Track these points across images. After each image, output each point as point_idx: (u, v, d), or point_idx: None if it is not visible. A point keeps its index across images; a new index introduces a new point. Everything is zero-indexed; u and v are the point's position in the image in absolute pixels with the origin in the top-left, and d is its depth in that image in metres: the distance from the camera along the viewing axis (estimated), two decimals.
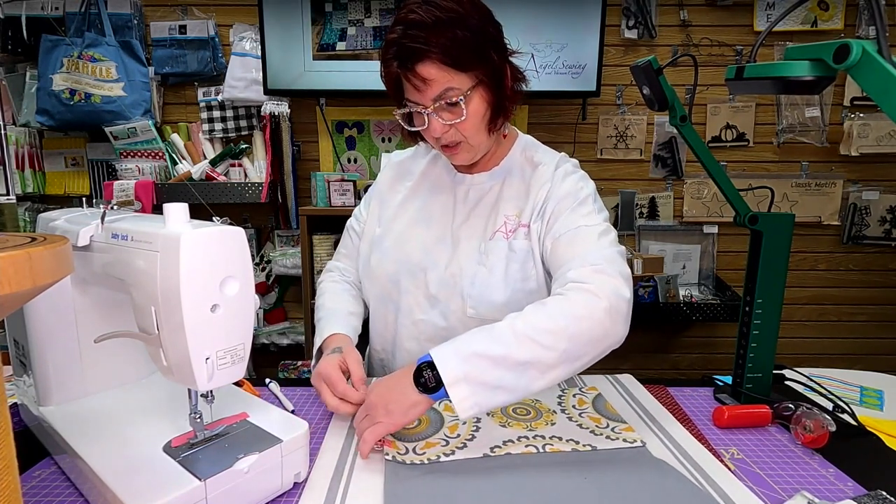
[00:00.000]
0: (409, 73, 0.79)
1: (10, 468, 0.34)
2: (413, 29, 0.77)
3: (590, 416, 0.80)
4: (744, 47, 2.13)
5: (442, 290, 0.91)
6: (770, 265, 0.83)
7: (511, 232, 0.90)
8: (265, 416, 0.65)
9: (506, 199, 0.93)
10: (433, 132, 0.83)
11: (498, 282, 0.88)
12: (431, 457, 0.68)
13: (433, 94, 0.80)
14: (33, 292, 0.35)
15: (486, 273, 0.88)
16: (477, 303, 0.88)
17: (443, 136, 0.83)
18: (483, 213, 0.94)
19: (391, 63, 0.80)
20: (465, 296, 0.89)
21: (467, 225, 0.94)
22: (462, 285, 0.90)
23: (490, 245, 0.90)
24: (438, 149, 0.89)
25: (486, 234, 0.92)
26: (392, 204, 1.01)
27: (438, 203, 0.97)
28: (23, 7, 1.99)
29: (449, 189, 0.98)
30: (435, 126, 0.82)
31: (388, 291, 0.97)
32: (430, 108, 0.81)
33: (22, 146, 2.07)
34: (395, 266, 0.96)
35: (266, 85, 2.00)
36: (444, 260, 0.92)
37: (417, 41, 0.77)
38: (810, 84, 0.72)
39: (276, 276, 2.23)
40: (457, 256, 0.92)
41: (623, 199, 2.24)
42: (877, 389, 1.05)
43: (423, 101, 0.81)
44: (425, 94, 0.80)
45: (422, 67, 0.78)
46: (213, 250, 0.52)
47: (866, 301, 2.30)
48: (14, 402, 0.78)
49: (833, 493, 0.63)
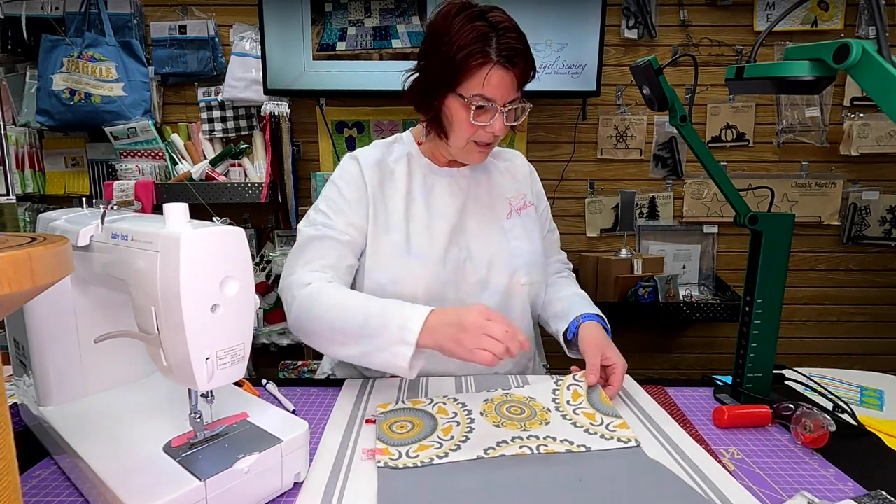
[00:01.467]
0: (513, 70, 0.86)
1: (10, 468, 0.34)
2: (513, 33, 0.86)
3: (584, 412, 0.80)
4: (744, 47, 2.13)
5: (490, 272, 0.99)
6: (770, 265, 0.83)
7: (519, 209, 1.06)
8: (265, 416, 0.65)
9: (497, 186, 1.06)
10: (496, 130, 0.90)
11: (536, 248, 1.05)
12: (425, 459, 0.67)
13: (512, 97, 0.89)
14: (33, 292, 0.35)
15: (524, 244, 1.03)
16: (529, 270, 1.02)
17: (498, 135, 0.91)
18: (483, 200, 1.04)
19: (487, 55, 0.84)
20: (517, 268, 1.00)
21: (475, 212, 1.02)
22: (509, 261, 1.00)
23: (511, 223, 1.04)
24: (467, 146, 0.93)
25: (499, 214, 1.04)
26: (392, 206, 0.98)
27: (440, 198, 1.01)
28: (23, 7, 1.99)
29: (441, 183, 1.02)
30: (501, 124, 0.89)
31: (439, 293, 0.96)
32: (505, 109, 0.89)
33: (22, 146, 2.07)
34: (437, 266, 0.96)
35: (266, 85, 2.00)
36: (477, 245, 1.00)
37: (522, 45, 0.87)
38: (810, 84, 0.72)
39: (276, 276, 2.23)
40: (486, 239, 1.01)
41: (623, 199, 2.24)
42: (877, 389, 1.05)
43: (500, 100, 0.88)
44: (509, 93, 0.88)
45: (519, 71, 0.87)
46: (213, 250, 0.52)
47: (866, 301, 2.30)
48: (14, 402, 0.78)
49: (833, 493, 0.63)
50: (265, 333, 2.23)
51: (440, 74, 0.89)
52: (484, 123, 0.89)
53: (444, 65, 0.87)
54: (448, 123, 0.93)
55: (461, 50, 0.85)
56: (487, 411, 0.80)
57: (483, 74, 0.85)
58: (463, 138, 0.92)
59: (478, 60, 0.85)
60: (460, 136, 0.92)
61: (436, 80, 0.90)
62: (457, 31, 0.85)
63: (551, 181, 2.20)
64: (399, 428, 0.75)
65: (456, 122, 0.91)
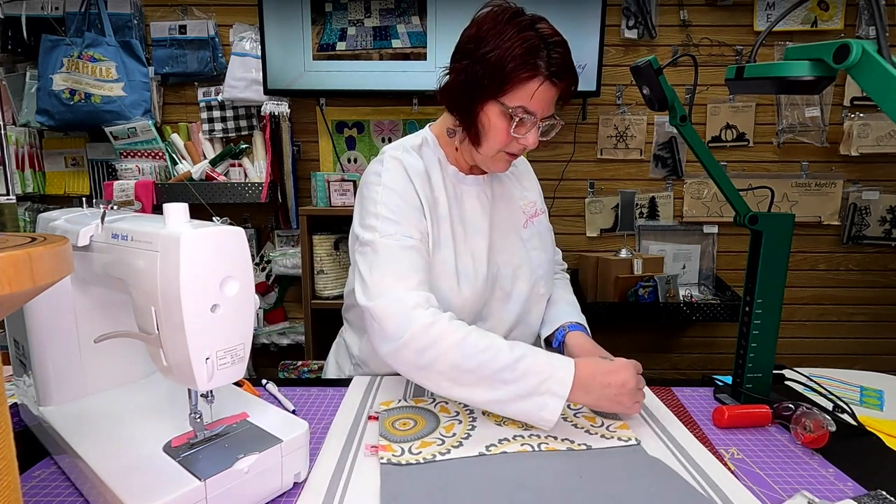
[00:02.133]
0: (559, 85, 0.85)
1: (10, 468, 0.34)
2: (562, 48, 0.84)
3: (585, 415, 0.81)
4: (744, 47, 2.13)
5: (514, 284, 1.00)
6: (770, 265, 0.83)
7: (532, 217, 1.06)
8: (265, 416, 0.65)
9: (510, 193, 1.05)
10: (529, 143, 0.88)
11: (551, 258, 1.06)
12: (427, 456, 0.68)
13: (550, 112, 0.88)
14: (33, 292, 0.35)
15: (541, 253, 1.03)
16: (547, 280, 1.03)
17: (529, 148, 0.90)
18: (502, 209, 1.03)
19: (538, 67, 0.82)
20: (538, 279, 1.01)
21: (496, 222, 1.01)
22: (529, 272, 1.00)
23: (528, 232, 1.04)
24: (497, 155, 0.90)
25: (516, 224, 1.03)
26: (439, 218, 0.93)
27: (471, 211, 0.98)
28: (23, 7, 1.99)
29: (467, 192, 0.98)
30: (534, 137, 0.88)
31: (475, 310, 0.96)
32: (542, 123, 0.88)
33: (22, 146, 2.07)
34: (484, 286, 0.95)
35: (266, 85, 2.00)
36: (500, 258, 1.00)
37: (569, 61, 0.86)
38: (810, 84, 0.72)
39: (276, 276, 2.23)
40: (507, 250, 1.00)
41: (623, 199, 2.23)
42: (877, 389, 1.05)
43: (539, 113, 0.86)
44: (549, 108, 0.87)
45: (564, 87, 0.87)
46: (213, 250, 0.52)
47: (866, 301, 2.30)
48: (14, 402, 0.78)
49: (833, 493, 0.63)
50: (265, 333, 2.23)
51: (485, 80, 0.84)
52: (520, 136, 0.87)
53: (491, 71, 0.83)
54: (484, 131, 0.88)
55: (512, 60, 0.81)
56: (489, 411, 0.80)
57: (531, 88, 0.83)
58: (495, 147, 0.89)
59: (527, 73, 0.82)
60: (493, 145, 0.89)
61: (479, 85, 0.85)
62: (508, 39, 0.81)
63: (551, 181, 2.20)
64: (402, 425, 0.75)
65: (493, 130, 0.87)
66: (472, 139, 0.91)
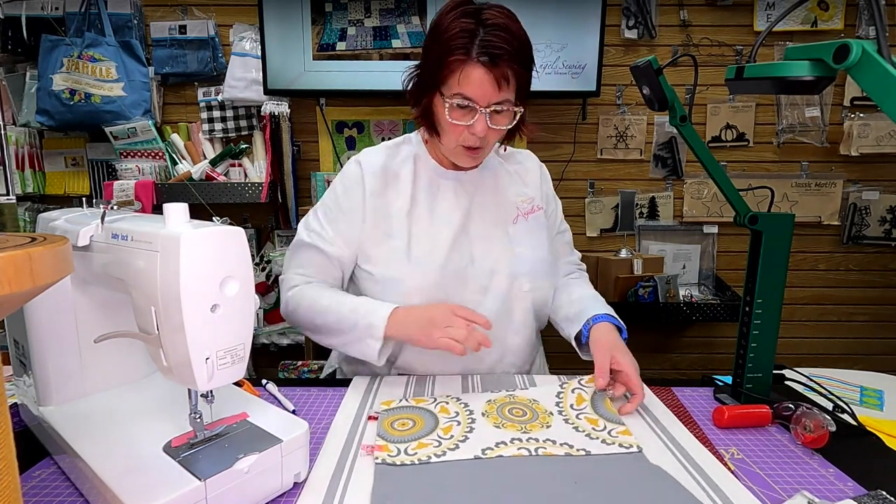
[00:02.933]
0: (493, 69, 0.82)
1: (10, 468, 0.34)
2: (503, 32, 0.82)
3: (587, 417, 0.79)
4: (744, 47, 2.13)
5: (492, 278, 0.98)
6: (770, 265, 0.83)
7: (527, 214, 1.04)
8: (265, 416, 0.65)
9: (504, 189, 1.04)
10: (478, 131, 0.86)
11: (541, 254, 1.02)
12: (422, 457, 0.67)
13: (497, 98, 0.85)
14: (33, 292, 0.35)
15: (528, 250, 1.00)
16: (532, 277, 1.00)
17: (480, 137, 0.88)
18: (489, 204, 1.01)
19: (468, 53, 0.82)
20: (519, 275, 0.99)
21: (482, 215, 1.00)
22: (511, 267, 0.98)
23: (517, 228, 1.02)
24: (455, 148, 0.92)
25: (505, 219, 1.02)
26: (394, 211, 0.97)
27: (443, 201, 0.99)
28: (23, 7, 1.99)
29: (446, 186, 1.00)
30: (482, 126, 0.86)
31: (433, 297, 0.95)
32: (487, 109, 0.85)
33: (22, 146, 2.07)
34: (438, 272, 0.95)
35: (266, 85, 2.00)
36: (480, 251, 0.98)
37: (510, 45, 0.82)
38: (810, 84, 0.72)
39: (276, 276, 2.23)
40: (490, 244, 0.99)
41: (623, 199, 2.24)
42: (877, 389, 1.05)
43: (482, 100, 0.85)
44: (492, 94, 0.84)
45: (506, 70, 0.83)
46: (213, 250, 0.52)
47: (866, 301, 2.30)
48: (14, 402, 0.78)
49: (833, 493, 0.63)
50: (265, 333, 2.23)
51: (427, 73, 0.88)
52: (463, 123, 0.86)
53: (431, 63, 0.86)
54: (437, 124, 0.91)
55: (444, 46, 0.83)
56: (489, 412, 0.80)
57: (464, 73, 0.83)
58: (451, 140, 0.90)
59: (456, 56, 0.82)
60: (448, 137, 0.91)
61: (425, 79, 0.89)
62: (445, 28, 0.84)
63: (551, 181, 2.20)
64: (400, 425, 0.75)
65: (441, 122, 0.89)
66: (431, 133, 0.95)
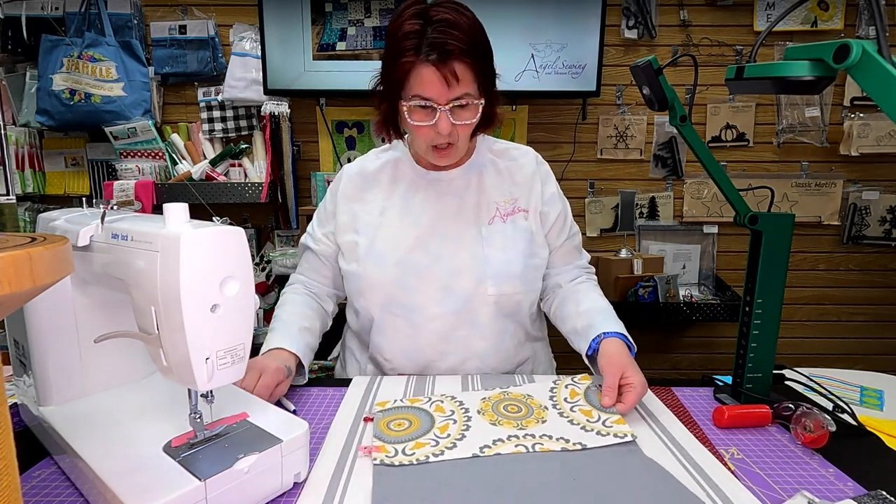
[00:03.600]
0: (442, 67, 0.81)
1: (10, 468, 0.34)
2: (449, 28, 0.81)
3: (581, 408, 0.80)
4: (744, 47, 2.13)
5: (455, 278, 0.96)
6: (770, 265, 0.83)
7: (507, 215, 1.00)
8: (265, 416, 0.65)
9: (489, 189, 1.01)
10: (441, 129, 0.86)
11: (512, 258, 0.97)
12: (420, 457, 0.67)
13: (455, 94, 0.84)
14: (33, 292, 0.35)
15: (498, 253, 0.97)
16: (498, 281, 0.96)
17: (446, 135, 0.87)
18: (469, 204, 1.00)
19: (418, 53, 0.81)
20: (484, 277, 0.96)
21: (456, 216, 0.99)
22: (476, 269, 0.96)
23: (491, 229, 0.99)
24: (426, 149, 0.92)
25: (481, 220, 0.99)
26: (368, 213, 1.00)
27: (418, 201, 1.00)
28: (23, 7, 1.99)
29: (425, 187, 1.01)
30: (445, 124, 0.85)
31: (394, 295, 0.97)
32: (447, 107, 0.84)
33: (22, 146, 2.07)
34: (398, 269, 0.96)
35: (266, 85, 2.00)
36: (448, 251, 0.97)
37: (457, 40, 0.81)
38: (810, 84, 0.72)
39: (276, 276, 2.23)
40: (459, 245, 0.97)
41: (623, 199, 2.24)
42: (877, 389, 1.05)
43: (440, 99, 0.84)
44: (447, 91, 0.83)
45: (457, 66, 0.82)
46: (213, 250, 0.52)
47: (866, 301, 2.30)
48: (14, 402, 0.78)
49: (833, 493, 0.63)
50: (265, 333, 2.23)
51: (385, 78, 0.88)
52: (425, 124, 0.86)
53: (387, 67, 0.86)
54: (407, 129, 0.92)
55: (395, 50, 0.83)
56: (484, 409, 0.80)
57: (415, 73, 0.83)
58: (421, 142, 0.91)
59: (406, 59, 0.82)
60: (419, 140, 0.91)
61: (384, 85, 0.89)
62: (395, 31, 0.84)
63: None
64: (396, 426, 0.75)
65: (406, 125, 0.90)
66: (399, 137, 0.98)
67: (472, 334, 0.98)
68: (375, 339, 1.02)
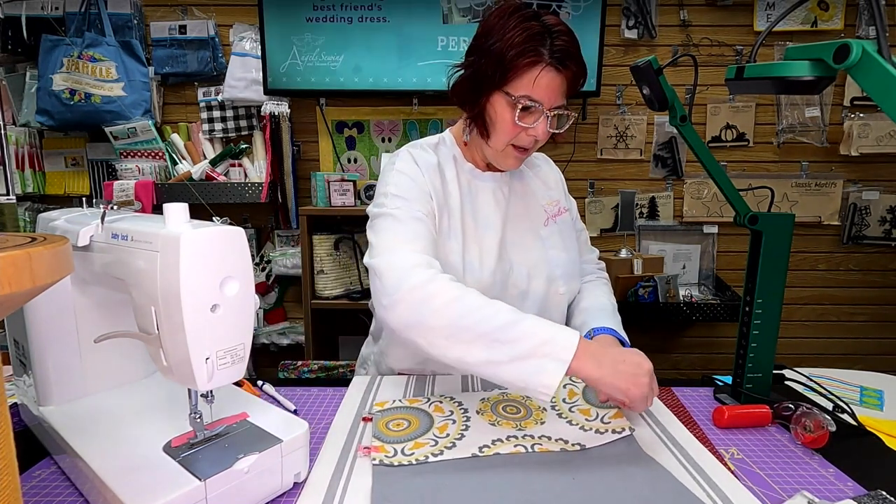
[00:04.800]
0: (563, 72, 0.84)
1: (10, 468, 0.34)
2: (567, 37, 0.85)
3: (579, 408, 0.80)
4: (744, 47, 2.13)
5: (529, 283, 0.98)
6: (770, 265, 0.83)
7: (554, 216, 1.04)
8: (265, 416, 0.65)
9: (532, 192, 1.04)
10: (539, 134, 0.88)
11: (573, 256, 1.03)
12: (420, 457, 0.67)
13: (560, 102, 0.87)
14: (33, 292, 0.35)
15: (561, 253, 1.01)
16: (567, 280, 1.00)
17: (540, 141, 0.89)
18: (520, 207, 1.02)
19: (541, 54, 0.83)
20: (554, 278, 0.99)
21: (515, 221, 1.00)
22: (546, 270, 0.98)
23: (548, 231, 1.02)
24: (506, 149, 0.91)
25: (536, 222, 1.02)
26: (451, 210, 0.95)
27: (485, 206, 0.98)
28: (23, 7, 1.99)
29: (482, 189, 0.99)
30: (544, 129, 0.88)
31: None
32: (552, 113, 0.87)
33: (22, 146, 2.07)
34: (490, 279, 0.94)
35: (266, 85, 2.00)
36: (518, 255, 0.98)
37: (576, 51, 0.85)
38: (810, 84, 0.72)
39: (276, 276, 2.23)
40: (525, 248, 0.99)
41: (623, 199, 2.23)
42: (877, 389, 1.05)
43: (549, 104, 0.86)
44: (558, 99, 0.87)
45: (570, 75, 0.86)
46: (213, 250, 0.52)
47: (866, 301, 2.30)
48: (14, 402, 0.78)
49: (833, 493, 0.63)
50: (265, 333, 2.23)
51: (490, 71, 0.86)
52: (527, 126, 0.87)
53: (495, 62, 0.85)
54: (491, 123, 0.90)
55: (514, 48, 0.83)
56: (483, 410, 0.80)
57: (534, 74, 0.83)
58: (503, 140, 0.90)
59: (529, 59, 0.83)
60: (501, 137, 0.90)
61: (484, 76, 0.87)
62: (511, 29, 0.84)
63: None
64: (395, 426, 0.75)
65: (499, 121, 0.88)
66: (481, 132, 0.92)
67: None
68: None
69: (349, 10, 1.97)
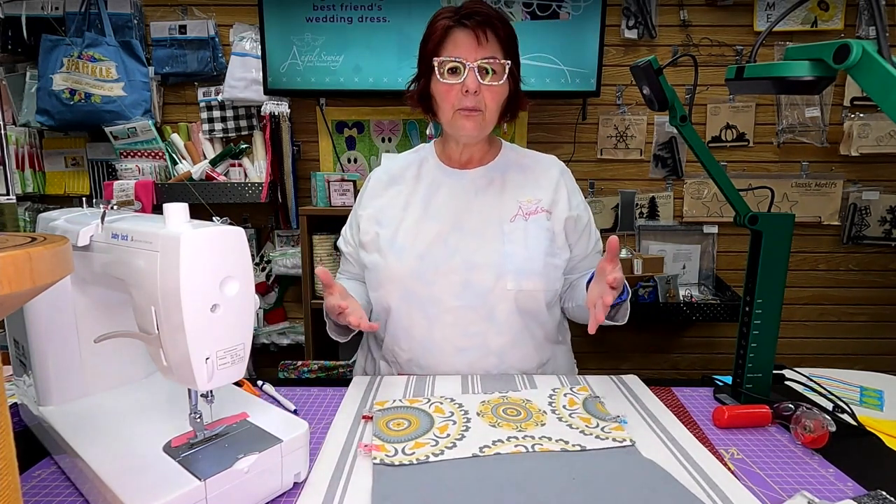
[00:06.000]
0: (474, 28, 0.92)
1: (10, 468, 0.34)
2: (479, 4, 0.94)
3: (580, 416, 0.80)
4: (744, 47, 2.13)
5: (474, 273, 0.98)
6: (770, 265, 0.83)
7: (529, 214, 1.03)
8: (265, 416, 0.65)
9: (512, 189, 1.05)
10: (468, 84, 0.92)
11: (534, 255, 1.00)
12: (420, 457, 0.67)
13: (483, 54, 0.92)
14: (33, 292, 0.35)
15: (520, 249, 0.99)
16: (517, 276, 0.98)
17: (473, 94, 0.93)
18: (491, 201, 1.03)
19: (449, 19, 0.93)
20: (504, 272, 0.98)
21: (477, 212, 1.02)
22: (497, 264, 0.98)
23: (513, 226, 1.01)
24: (454, 115, 0.96)
25: (503, 217, 1.02)
26: (391, 207, 1.05)
27: (441, 197, 1.03)
28: (23, 7, 1.99)
29: (448, 184, 1.04)
30: (472, 80, 0.92)
31: (413, 288, 0.99)
32: (475, 65, 0.92)
33: (22, 146, 2.07)
34: (417, 261, 0.99)
35: (266, 85, 2.00)
36: (468, 246, 1.00)
37: (486, 8, 0.94)
38: (810, 84, 0.72)
39: (276, 276, 2.23)
40: (480, 241, 1.00)
41: (623, 199, 2.23)
42: (877, 389, 1.05)
43: (469, 57, 0.92)
44: (476, 51, 0.92)
45: (484, 27, 0.92)
46: (213, 250, 0.52)
47: (866, 301, 2.30)
48: (14, 402, 0.78)
49: (833, 493, 0.63)
50: (265, 333, 2.23)
51: (421, 60, 0.99)
52: (454, 82, 0.93)
53: (422, 48, 0.98)
54: (434, 101, 0.99)
55: (430, 26, 0.96)
56: (484, 412, 0.80)
57: (446, 36, 0.93)
58: (448, 109, 0.96)
59: (440, 24, 0.93)
60: (444, 107, 0.97)
61: (419, 67, 1.00)
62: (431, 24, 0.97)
63: None
64: (396, 425, 0.75)
65: (437, 93, 0.97)
66: (435, 115, 1.02)
67: (490, 329, 0.99)
68: (392, 330, 1.03)
69: (349, 10, 1.97)
